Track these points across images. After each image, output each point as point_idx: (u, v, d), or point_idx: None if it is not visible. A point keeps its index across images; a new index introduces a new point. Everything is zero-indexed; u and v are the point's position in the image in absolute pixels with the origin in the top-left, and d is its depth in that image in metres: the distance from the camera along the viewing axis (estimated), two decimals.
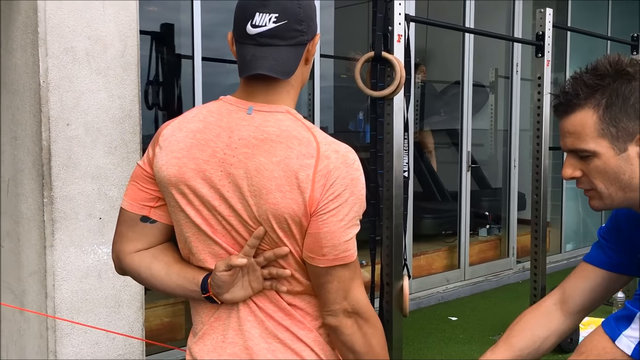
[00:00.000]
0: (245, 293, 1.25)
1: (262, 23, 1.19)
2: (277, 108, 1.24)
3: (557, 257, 6.82)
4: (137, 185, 1.30)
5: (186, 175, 1.22)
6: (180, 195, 1.24)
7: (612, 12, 7.53)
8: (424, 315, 4.99)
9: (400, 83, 2.93)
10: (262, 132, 1.20)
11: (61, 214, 2.71)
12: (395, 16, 2.97)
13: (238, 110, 1.24)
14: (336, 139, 1.25)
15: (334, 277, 1.22)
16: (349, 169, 1.20)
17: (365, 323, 1.26)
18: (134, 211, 1.30)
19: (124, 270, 1.35)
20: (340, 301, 1.24)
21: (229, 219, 1.22)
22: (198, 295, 1.27)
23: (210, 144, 1.22)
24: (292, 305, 1.26)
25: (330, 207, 1.18)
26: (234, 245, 1.24)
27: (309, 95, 4.70)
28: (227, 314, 1.27)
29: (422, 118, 6.83)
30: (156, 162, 1.26)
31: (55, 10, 2.65)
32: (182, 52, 4.65)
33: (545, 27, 4.00)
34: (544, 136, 4.04)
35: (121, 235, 1.32)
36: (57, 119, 2.68)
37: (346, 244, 1.21)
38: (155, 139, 1.30)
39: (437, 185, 6.56)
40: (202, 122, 1.25)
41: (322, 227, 1.19)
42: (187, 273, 1.28)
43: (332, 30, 6.20)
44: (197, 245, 1.26)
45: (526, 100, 6.39)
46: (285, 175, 1.17)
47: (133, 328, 2.96)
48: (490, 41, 5.66)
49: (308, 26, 1.24)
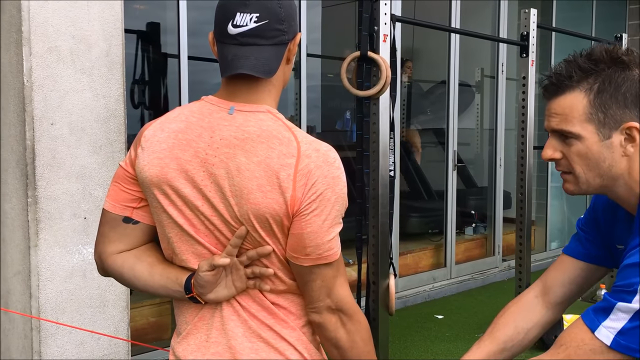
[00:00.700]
0: (229, 292, 1.25)
1: (244, 23, 1.20)
2: (259, 108, 1.24)
3: (542, 255, 6.88)
4: (119, 186, 1.30)
5: (168, 175, 1.23)
6: (163, 196, 1.24)
7: (596, 13, 7.59)
8: (410, 313, 5.01)
9: (386, 83, 2.94)
10: (243, 132, 1.21)
11: (45, 213, 2.69)
12: (381, 16, 2.98)
13: (219, 110, 1.24)
14: (317, 138, 1.26)
15: (317, 276, 1.24)
16: (330, 168, 1.21)
17: (349, 320, 1.28)
18: (116, 212, 1.29)
19: (106, 271, 1.35)
20: (324, 298, 1.25)
21: (211, 219, 1.22)
22: (181, 295, 1.27)
23: (192, 144, 1.22)
24: (275, 304, 1.27)
25: (313, 207, 1.19)
26: (217, 245, 1.24)
27: (296, 94, 4.70)
28: (210, 314, 1.28)
29: (409, 117, 6.86)
30: (138, 163, 1.26)
31: (39, 9, 2.63)
32: (168, 51, 4.63)
33: (530, 28, 4.03)
34: (529, 135, 4.07)
35: (103, 236, 1.32)
36: (41, 118, 2.66)
37: (329, 243, 1.22)
38: (137, 139, 1.30)
39: (423, 184, 6.59)
40: (184, 122, 1.25)
41: (305, 227, 1.20)
42: (170, 273, 1.28)
43: (320, 29, 6.21)
44: (180, 245, 1.26)
45: (511, 100, 6.43)
46: (266, 175, 1.18)
47: (118, 328, 2.95)
48: (476, 41, 5.69)
49: (289, 25, 1.25)
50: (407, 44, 6.34)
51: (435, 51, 6.40)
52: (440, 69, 6.05)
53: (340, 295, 1.26)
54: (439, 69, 6.18)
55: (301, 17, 4.57)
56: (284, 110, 5.14)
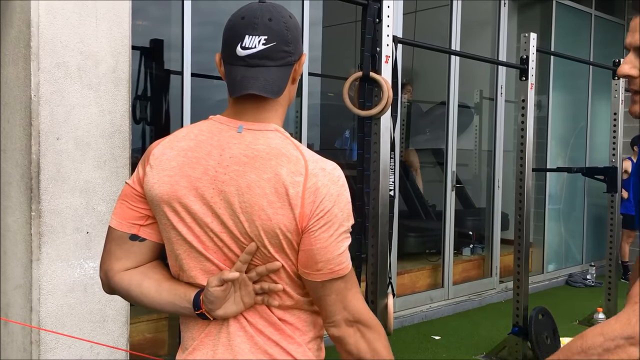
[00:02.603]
0: (237, 308, 1.27)
1: (252, 45, 1.24)
2: (267, 126, 1.27)
3: (540, 277, 6.89)
4: (126, 204, 1.32)
5: (179, 192, 1.25)
6: (173, 213, 1.26)
7: (594, 38, 7.69)
8: (407, 333, 5.01)
9: (388, 103, 2.98)
10: (253, 150, 1.23)
11: (48, 227, 2.71)
12: (383, 38, 3.03)
13: (228, 129, 1.27)
14: (322, 156, 1.29)
15: (331, 290, 1.27)
16: (335, 186, 1.24)
17: (368, 330, 1.30)
18: (122, 230, 1.31)
19: (112, 289, 1.36)
20: (340, 312, 1.28)
21: (220, 236, 1.24)
22: (190, 311, 1.28)
23: (202, 161, 1.25)
24: (282, 320, 1.29)
25: (321, 223, 1.22)
26: (225, 262, 1.26)
27: (297, 112, 4.74)
28: (217, 330, 1.29)
29: (408, 137, 6.90)
30: (147, 181, 1.28)
31: (48, 25, 2.67)
32: (172, 68, 4.67)
33: (529, 51, 4.09)
34: (527, 157, 4.11)
35: (110, 253, 1.33)
36: (47, 132, 2.69)
37: (339, 257, 1.25)
38: (144, 158, 1.32)
39: (421, 204, 6.62)
40: (193, 141, 1.28)
41: (315, 243, 1.23)
42: (178, 290, 1.30)
43: (320, 49, 6.27)
44: (188, 262, 1.28)
45: (510, 122, 6.49)
46: (276, 192, 1.20)
47: (117, 343, 2.95)
48: (475, 63, 5.76)
49: (295, 47, 1.29)
50: (408, 65, 6.40)
51: (435, 72, 6.47)
52: (439, 90, 6.11)
53: (356, 307, 1.29)
54: (438, 90, 6.24)
55: (303, 37, 4.63)
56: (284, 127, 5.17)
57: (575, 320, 5.47)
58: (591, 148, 7.70)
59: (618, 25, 8.07)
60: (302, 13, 4.62)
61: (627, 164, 7.01)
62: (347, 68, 6.93)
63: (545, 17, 7.09)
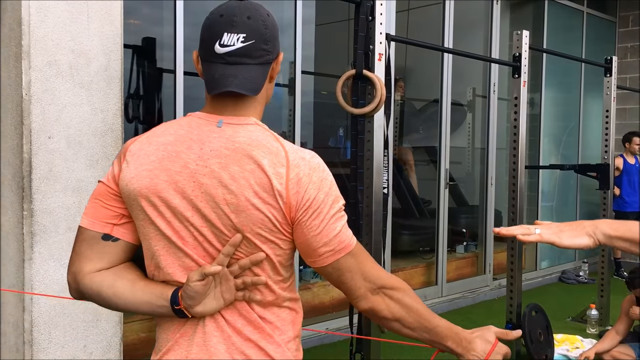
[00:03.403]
0: (218, 304, 1.25)
1: (231, 43, 1.24)
2: (247, 120, 1.28)
3: (533, 274, 6.92)
4: (99, 203, 1.29)
5: (158, 186, 1.24)
6: (152, 207, 1.24)
7: (586, 35, 7.72)
8: None
9: (381, 101, 2.98)
10: (234, 143, 1.23)
11: (41, 227, 2.69)
12: (376, 35, 3.03)
13: (208, 124, 1.27)
14: (300, 147, 1.30)
15: (343, 270, 1.28)
16: (316, 173, 1.24)
17: (393, 291, 1.31)
18: (95, 229, 1.28)
19: (81, 292, 1.30)
20: (362, 285, 1.29)
21: (201, 230, 1.23)
22: (166, 310, 1.26)
23: (182, 155, 1.24)
24: (262, 318, 1.28)
25: (309, 212, 1.23)
26: (205, 257, 1.25)
27: (290, 110, 4.73)
28: (192, 330, 1.27)
29: (402, 135, 6.91)
30: (123, 177, 1.26)
31: (39, 23, 2.65)
32: (164, 66, 4.66)
33: (522, 49, 4.09)
34: (520, 155, 4.12)
35: (80, 254, 1.29)
36: (38, 131, 2.67)
37: (337, 237, 1.26)
38: (120, 155, 1.31)
39: (415, 202, 6.63)
40: (172, 135, 1.27)
41: (308, 232, 1.24)
42: (154, 288, 1.27)
43: (313, 47, 6.26)
44: (166, 258, 1.26)
45: (503, 120, 6.50)
46: (261, 182, 1.20)
47: (111, 343, 2.94)
48: (468, 61, 5.77)
49: (273, 46, 1.29)
50: (401, 63, 6.40)
51: (428, 70, 6.48)
52: (432, 88, 6.12)
53: (375, 275, 1.30)
54: (431, 88, 6.25)
55: (296, 35, 4.62)
56: (277, 126, 5.17)
57: (569, 317, 5.49)
58: (583, 145, 7.74)
59: (610, 23, 8.10)
60: (295, 11, 4.61)
61: (619, 161, 7.05)
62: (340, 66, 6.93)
63: (538, 15, 7.11)
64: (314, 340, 4.65)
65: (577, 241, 1.36)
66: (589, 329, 5.09)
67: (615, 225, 1.36)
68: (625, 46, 8.03)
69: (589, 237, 1.36)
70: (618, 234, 1.34)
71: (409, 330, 1.34)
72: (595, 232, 1.36)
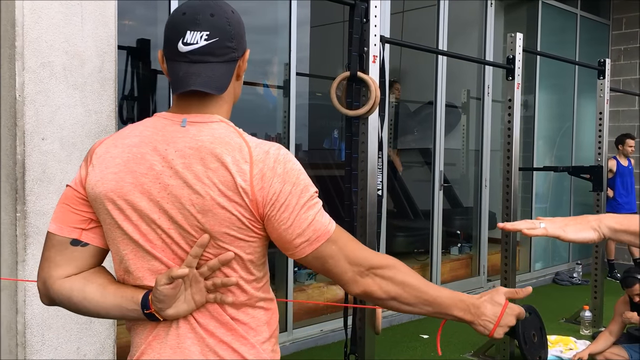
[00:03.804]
0: (189, 307, 1.23)
1: (194, 41, 1.22)
2: (211, 118, 1.26)
3: (527, 275, 6.94)
4: (67, 208, 1.27)
5: (124, 189, 1.22)
6: (118, 211, 1.23)
7: (580, 38, 7.75)
8: (396, 332, 5.02)
9: (375, 103, 2.99)
10: (197, 141, 1.21)
11: (34, 228, 2.68)
12: (370, 37, 3.04)
13: (172, 124, 1.25)
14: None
15: (325, 257, 1.24)
16: (280, 165, 1.22)
17: (384, 270, 1.27)
18: (63, 234, 1.26)
19: (51, 298, 1.29)
20: (348, 269, 1.25)
21: (168, 232, 1.22)
22: (137, 314, 1.24)
23: (147, 157, 1.23)
24: (235, 319, 1.25)
25: (277, 206, 1.20)
26: (174, 260, 1.23)
27: (284, 112, 4.74)
28: (165, 332, 1.25)
29: (396, 137, 6.92)
30: (89, 180, 1.25)
31: (33, 24, 2.65)
32: (158, 68, 4.65)
33: (515, 51, 4.11)
34: (514, 157, 4.13)
35: (49, 260, 1.27)
36: (32, 133, 2.66)
37: (311, 226, 1.23)
38: (87, 158, 1.29)
39: (409, 204, 6.64)
40: (137, 137, 1.25)
41: (280, 226, 1.21)
42: (125, 292, 1.25)
43: (308, 49, 6.27)
44: (135, 262, 1.24)
45: (497, 122, 6.52)
46: (225, 180, 1.19)
47: (105, 345, 2.93)
48: (462, 63, 5.78)
49: (238, 43, 1.27)
50: (395, 65, 6.41)
51: (423, 72, 6.49)
52: (427, 90, 6.13)
53: (360, 257, 1.26)
54: (426, 90, 6.26)
55: (290, 37, 4.62)
56: (272, 127, 5.17)
57: (562, 318, 5.51)
58: (577, 147, 7.77)
59: (603, 26, 8.14)
60: (290, 13, 4.61)
61: (612, 163, 7.08)
62: (334, 68, 6.94)
63: (532, 17, 7.14)
64: (308, 341, 4.65)
65: (582, 235, 1.35)
66: (583, 330, 5.10)
67: (620, 218, 1.36)
68: (619, 48, 8.07)
69: (594, 230, 1.35)
70: (623, 227, 1.34)
71: (408, 306, 1.29)
72: (600, 226, 1.35)
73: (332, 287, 5.09)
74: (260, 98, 5.44)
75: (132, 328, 1.30)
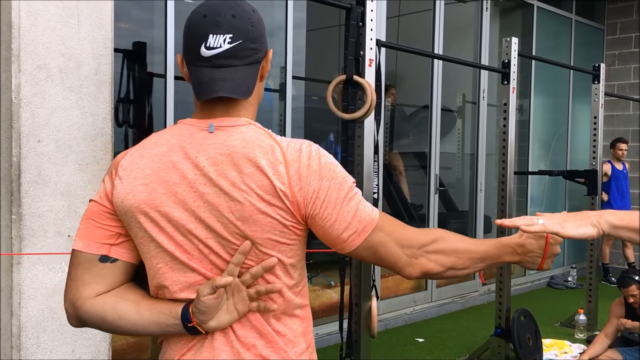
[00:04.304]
0: (231, 317, 1.19)
1: (217, 44, 1.18)
2: (238, 121, 1.22)
3: (522, 279, 6.95)
4: (93, 223, 1.22)
5: (157, 200, 1.17)
6: (151, 223, 1.18)
7: (575, 42, 7.79)
8: (391, 336, 5.02)
9: (371, 106, 2.99)
10: (228, 147, 1.18)
11: (29, 231, 2.68)
12: (366, 41, 3.04)
13: (200, 130, 1.21)
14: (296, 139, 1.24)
15: (375, 247, 1.23)
16: (314, 161, 1.19)
17: (435, 244, 1.27)
18: (91, 252, 1.20)
19: (81, 319, 1.22)
20: (401, 254, 1.25)
21: (206, 242, 1.17)
22: (178, 328, 1.19)
23: (178, 165, 1.18)
24: (275, 331, 1.22)
25: (318, 204, 1.18)
26: (212, 270, 1.19)
27: (280, 115, 4.74)
28: (200, 345, 1.21)
29: (392, 140, 6.93)
30: (117, 193, 1.20)
31: (29, 27, 2.65)
32: (155, 70, 4.65)
33: (511, 56, 4.13)
34: (510, 161, 4.14)
35: (77, 280, 1.21)
36: (28, 135, 2.66)
37: (356, 217, 1.21)
38: (111, 171, 1.24)
39: (405, 207, 6.64)
40: (165, 146, 1.21)
41: (325, 223, 1.19)
42: (161, 307, 1.20)
43: (304, 52, 6.28)
44: (171, 275, 1.20)
45: (492, 125, 6.55)
46: (263, 184, 1.15)
47: (99, 348, 2.93)
48: (458, 67, 5.80)
49: (261, 44, 1.23)
50: (391, 69, 6.43)
51: (419, 76, 6.51)
52: (423, 93, 6.15)
53: (410, 239, 1.25)
54: (421, 94, 6.27)
55: (287, 40, 4.63)
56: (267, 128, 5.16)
57: (557, 322, 5.52)
58: (572, 151, 7.79)
59: (598, 30, 8.18)
60: (286, 16, 4.62)
61: (607, 167, 7.10)
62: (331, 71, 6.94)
63: (527, 22, 7.17)
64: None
65: (581, 231, 1.32)
66: (577, 334, 5.12)
67: (620, 214, 1.34)
68: (613, 53, 8.11)
69: (593, 226, 1.32)
70: (623, 224, 1.31)
71: (464, 270, 1.30)
72: (599, 222, 1.32)
73: (328, 291, 5.09)
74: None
75: (165, 342, 1.26)
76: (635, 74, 7.89)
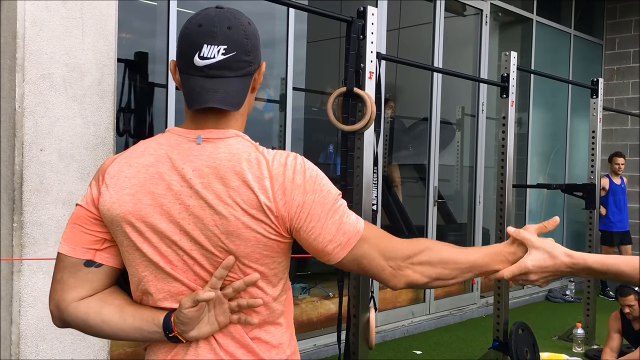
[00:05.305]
0: (212, 328, 1.20)
1: (211, 55, 1.18)
2: (226, 133, 1.22)
3: (520, 292, 6.94)
4: (79, 228, 1.23)
5: (143, 211, 1.18)
6: (136, 233, 1.19)
7: (573, 57, 7.84)
8: (389, 348, 5.01)
9: (371, 118, 3.01)
10: (214, 160, 1.18)
11: (30, 239, 2.69)
12: (367, 54, 3.07)
13: (187, 141, 1.21)
14: (279, 150, 1.25)
15: (359, 259, 1.23)
16: (298, 175, 1.19)
17: (420, 255, 1.27)
18: (76, 256, 1.21)
19: (65, 321, 1.25)
20: (385, 267, 1.25)
21: (190, 253, 1.19)
22: (159, 336, 1.21)
23: (165, 176, 1.19)
24: (255, 339, 1.23)
25: (302, 217, 1.18)
26: (195, 281, 1.20)
27: (281, 127, 4.76)
28: (184, 351, 1.22)
29: (391, 152, 6.96)
30: (104, 201, 1.20)
31: (34, 37, 2.67)
32: (156, 80, 4.68)
33: (510, 70, 4.16)
34: (508, 174, 4.16)
35: (61, 283, 1.22)
36: (30, 144, 2.68)
37: (340, 229, 1.21)
38: (98, 176, 1.24)
39: (404, 219, 6.65)
40: (152, 156, 1.21)
41: (309, 236, 1.20)
42: (144, 314, 1.21)
43: (304, 63, 6.31)
44: (155, 284, 1.21)
45: (491, 138, 6.58)
46: (248, 199, 1.16)
47: (98, 356, 2.93)
48: (457, 80, 5.83)
49: (255, 56, 1.23)
50: (391, 82, 6.47)
51: (418, 89, 6.54)
52: (422, 106, 6.18)
53: (394, 251, 1.25)
54: (421, 107, 6.30)
55: (287, 51, 4.67)
56: (268, 141, 5.20)
57: (555, 335, 5.52)
58: (570, 165, 7.82)
59: (597, 45, 8.24)
60: (287, 27, 4.66)
61: (605, 181, 7.13)
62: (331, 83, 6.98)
63: (526, 36, 7.22)
64: (302, 356, 4.63)
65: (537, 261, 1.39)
66: (575, 348, 5.11)
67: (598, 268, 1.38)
68: (612, 68, 8.16)
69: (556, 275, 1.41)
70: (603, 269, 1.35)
71: (452, 280, 1.30)
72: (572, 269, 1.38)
73: (326, 302, 5.09)
74: (256, 111, 5.47)
75: (149, 347, 1.27)
76: (633, 89, 7.94)
